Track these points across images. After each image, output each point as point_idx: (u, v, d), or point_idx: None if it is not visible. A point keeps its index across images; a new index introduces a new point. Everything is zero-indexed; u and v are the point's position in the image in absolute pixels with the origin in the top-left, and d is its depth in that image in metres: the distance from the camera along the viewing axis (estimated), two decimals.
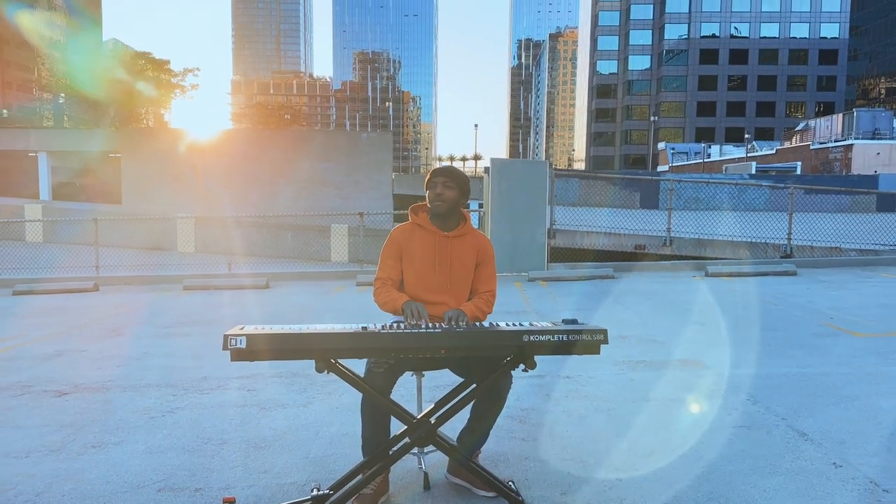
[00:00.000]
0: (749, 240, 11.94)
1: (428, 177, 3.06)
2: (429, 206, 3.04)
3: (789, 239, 11.33)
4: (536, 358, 2.62)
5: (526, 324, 2.67)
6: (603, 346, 2.56)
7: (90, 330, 7.21)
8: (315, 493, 2.67)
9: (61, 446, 3.66)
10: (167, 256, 16.20)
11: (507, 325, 2.66)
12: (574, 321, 2.68)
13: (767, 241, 11.78)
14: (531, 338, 2.54)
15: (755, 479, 3.01)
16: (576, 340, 2.56)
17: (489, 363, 2.73)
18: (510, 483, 2.83)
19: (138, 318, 7.90)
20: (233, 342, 2.43)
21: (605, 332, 2.60)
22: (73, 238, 19.41)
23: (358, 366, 2.83)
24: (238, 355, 2.45)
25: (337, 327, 2.58)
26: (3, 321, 7.93)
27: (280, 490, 2.99)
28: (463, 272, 3.04)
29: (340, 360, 2.63)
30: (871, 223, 12.89)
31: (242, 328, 2.53)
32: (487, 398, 2.82)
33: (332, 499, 2.64)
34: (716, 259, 11.26)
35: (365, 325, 2.62)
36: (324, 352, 2.50)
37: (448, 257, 3.01)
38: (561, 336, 2.55)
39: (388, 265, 3.06)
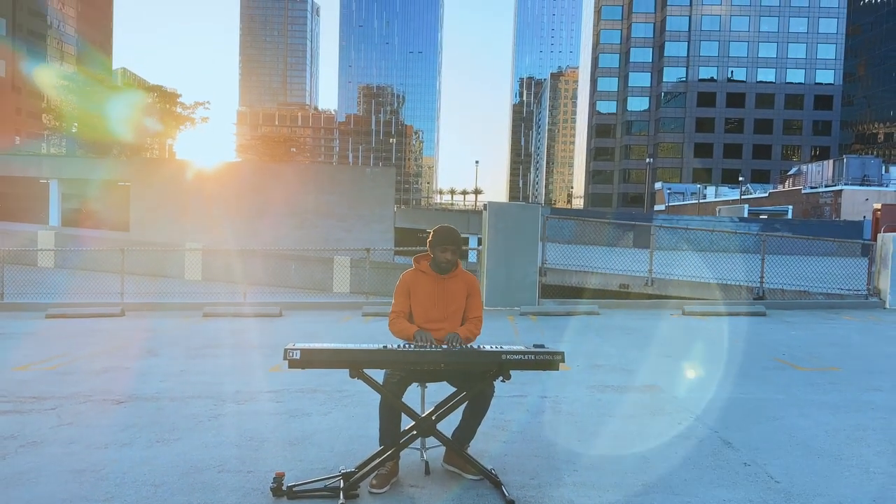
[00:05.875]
0: (726, 282, 12.88)
1: (434, 239, 3.90)
2: (434, 261, 3.94)
3: (762, 282, 12.26)
4: (518, 376, 3.53)
5: (504, 347, 3.59)
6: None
7: (128, 350, 8.09)
8: (343, 470, 3.57)
9: (131, 441, 4.53)
10: (178, 284, 17.04)
11: (490, 347, 3.59)
12: (541, 346, 3.62)
13: (742, 283, 12.72)
14: (507, 357, 3.47)
15: (682, 472, 3.90)
16: (540, 360, 3.49)
17: (477, 376, 3.65)
18: (492, 470, 3.71)
19: (168, 341, 8.78)
20: (291, 354, 3.36)
21: (562, 353, 3.53)
22: (82, 265, 20.21)
23: (378, 377, 3.73)
24: (294, 364, 3.38)
25: (364, 346, 3.51)
26: (46, 342, 8.80)
27: (314, 472, 3.86)
28: (456, 304, 3.97)
29: (366, 371, 3.54)
30: (846, 268, 13.80)
31: (295, 344, 3.45)
32: (475, 403, 3.74)
33: (356, 475, 3.53)
34: (693, 299, 12.18)
35: (385, 344, 3.55)
36: (356, 363, 3.42)
37: (444, 295, 3.94)
38: (529, 356, 3.49)
39: (399, 301, 4.00)
